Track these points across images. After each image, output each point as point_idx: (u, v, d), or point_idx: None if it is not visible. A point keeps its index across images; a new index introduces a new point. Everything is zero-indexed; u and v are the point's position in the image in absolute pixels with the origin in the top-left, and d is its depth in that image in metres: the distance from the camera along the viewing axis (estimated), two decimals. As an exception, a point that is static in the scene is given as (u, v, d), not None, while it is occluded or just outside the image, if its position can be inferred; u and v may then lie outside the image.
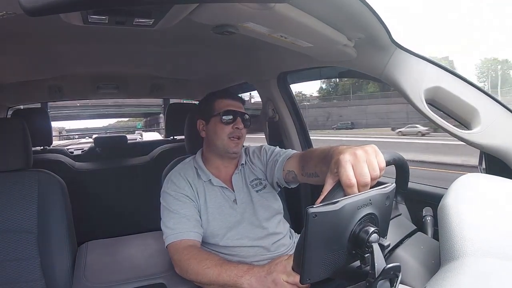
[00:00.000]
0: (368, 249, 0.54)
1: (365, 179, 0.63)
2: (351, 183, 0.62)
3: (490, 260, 0.54)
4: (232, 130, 1.20)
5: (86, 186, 2.27)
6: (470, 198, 0.67)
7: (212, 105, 1.24)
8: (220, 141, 1.21)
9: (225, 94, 1.27)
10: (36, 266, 1.22)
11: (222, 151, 1.22)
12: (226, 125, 1.20)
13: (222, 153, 1.23)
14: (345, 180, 0.63)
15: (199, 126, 1.28)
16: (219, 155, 1.24)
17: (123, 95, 2.79)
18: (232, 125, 1.20)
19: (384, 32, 0.92)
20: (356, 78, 27.40)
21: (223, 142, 1.20)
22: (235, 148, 1.21)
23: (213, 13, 0.84)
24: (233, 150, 1.21)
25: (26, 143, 1.29)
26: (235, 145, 1.21)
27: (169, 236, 1.10)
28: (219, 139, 1.21)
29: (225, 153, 1.23)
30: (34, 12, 0.42)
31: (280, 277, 0.83)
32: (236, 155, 1.25)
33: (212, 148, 1.25)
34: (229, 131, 1.20)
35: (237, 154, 1.25)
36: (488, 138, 0.92)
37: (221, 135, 1.20)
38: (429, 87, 0.96)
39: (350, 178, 0.63)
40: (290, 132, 1.87)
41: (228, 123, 1.20)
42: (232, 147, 1.20)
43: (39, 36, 1.25)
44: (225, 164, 1.27)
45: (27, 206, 1.25)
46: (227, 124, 1.20)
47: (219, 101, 1.23)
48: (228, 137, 1.20)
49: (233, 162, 1.28)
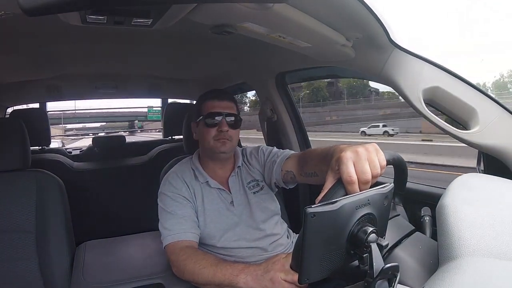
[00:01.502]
0: (367, 249, 0.54)
1: (366, 176, 0.63)
2: (352, 180, 0.63)
3: (488, 260, 0.55)
4: (217, 133, 1.17)
5: (84, 186, 2.27)
6: (469, 198, 0.68)
7: (200, 107, 1.22)
8: (206, 143, 1.19)
9: (212, 95, 1.24)
10: (34, 266, 1.22)
11: (211, 153, 1.21)
12: (210, 128, 1.18)
13: (212, 155, 1.22)
14: (346, 177, 0.63)
15: (192, 128, 1.28)
16: (210, 157, 1.24)
17: (122, 95, 2.78)
18: (216, 128, 1.17)
19: (382, 32, 0.92)
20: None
21: (209, 144, 1.19)
22: (221, 147, 1.18)
23: (211, 13, 0.84)
24: (220, 149, 1.18)
25: (24, 143, 1.29)
26: (221, 144, 1.18)
27: (167, 237, 1.10)
28: (205, 142, 1.19)
29: (213, 154, 1.21)
30: (33, 12, 0.42)
31: (278, 276, 0.83)
32: (226, 155, 1.23)
33: (203, 151, 1.25)
34: (214, 133, 1.17)
35: (227, 154, 1.22)
36: (487, 138, 0.93)
37: (206, 138, 1.18)
38: (428, 87, 0.96)
39: (351, 175, 0.63)
40: (288, 131, 1.87)
41: (212, 125, 1.18)
42: (218, 147, 1.18)
43: (37, 36, 1.24)
44: (219, 166, 1.26)
45: (25, 206, 1.25)
46: (212, 127, 1.18)
47: (206, 103, 1.22)
48: (214, 139, 1.18)
49: (229, 164, 1.27)
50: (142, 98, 4.77)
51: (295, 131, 1.88)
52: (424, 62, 0.97)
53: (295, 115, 1.88)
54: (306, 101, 33.56)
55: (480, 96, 0.95)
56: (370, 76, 1.13)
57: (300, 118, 1.91)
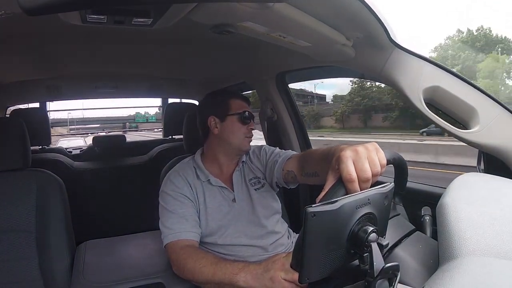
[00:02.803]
0: (367, 249, 0.54)
1: (366, 174, 0.63)
2: (352, 178, 0.63)
3: (488, 259, 0.55)
4: (247, 131, 1.25)
5: (84, 186, 2.27)
6: (469, 197, 0.68)
7: (227, 103, 1.25)
8: (236, 140, 1.23)
9: (238, 95, 1.30)
10: (34, 266, 1.22)
11: (235, 149, 1.25)
12: (243, 125, 1.24)
13: (234, 151, 1.26)
14: (346, 175, 0.63)
15: (211, 122, 1.24)
16: (228, 153, 1.26)
17: (122, 94, 2.78)
18: (247, 126, 1.25)
19: (383, 32, 0.92)
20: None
21: (239, 140, 1.23)
22: (248, 146, 1.27)
23: (211, 13, 0.84)
24: (247, 148, 1.27)
25: (24, 143, 1.29)
26: (248, 143, 1.26)
27: (167, 236, 1.10)
28: (236, 138, 1.23)
29: (237, 151, 1.26)
30: (33, 12, 0.42)
31: (278, 275, 0.82)
32: (245, 153, 1.30)
33: (224, 145, 1.25)
34: (245, 131, 1.24)
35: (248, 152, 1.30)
36: (487, 137, 0.93)
37: (238, 134, 1.23)
38: (428, 87, 0.96)
39: (351, 173, 0.63)
40: (288, 131, 1.87)
41: (246, 123, 1.24)
42: (246, 146, 1.26)
43: (37, 35, 1.24)
44: (228, 163, 1.28)
45: (25, 206, 1.25)
46: (245, 124, 1.24)
47: (234, 100, 1.26)
48: (244, 136, 1.24)
49: (236, 160, 1.29)
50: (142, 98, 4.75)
51: (295, 130, 1.88)
52: (424, 62, 0.97)
53: (296, 115, 1.88)
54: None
55: (481, 95, 0.95)
56: (370, 75, 1.13)
57: (301, 117, 1.91)
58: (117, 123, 31.29)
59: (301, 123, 1.90)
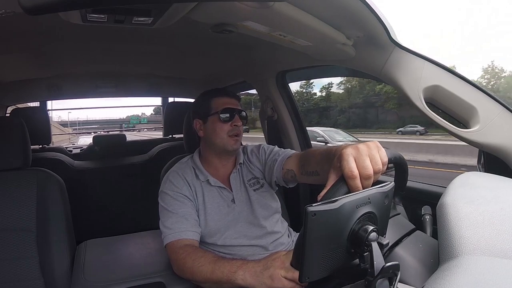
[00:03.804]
0: (367, 248, 0.54)
1: (367, 171, 0.64)
2: (354, 175, 0.63)
3: (489, 258, 0.55)
4: (231, 128, 1.20)
5: (85, 185, 2.27)
6: (469, 196, 0.68)
7: (208, 104, 1.23)
8: (219, 140, 1.20)
9: (220, 92, 1.26)
10: (34, 265, 1.22)
11: (221, 149, 1.22)
12: (224, 123, 1.20)
13: (221, 151, 1.23)
14: (348, 172, 0.63)
15: (196, 125, 1.26)
16: (217, 154, 1.24)
17: (122, 93, 2.78)
18: (230, 123, 1.20)
19: (383, 31, 0.92)
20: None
21: (222, 140, 1.20)
22: (234, 145, 1.21)
23: (212, 12, 0.84)
24: (233, 147, 1.21)
25: (24, 142, 1.29)
26: (234, 142, 1.21)
27: (167, 236, 1.10)
28: (218, 138, 1.20)
29: (224, 151, 1.22)
30: (33, 11, 0.42)
31: (278, 273, 0.82)
32: (235, 152, 1.26)
33: (211, 147, 1.24)
34: (228, 129, 1.19)
35: (236, 152, 1.25)
36: (487, 136, 0.93)
37: (220, 134, 1.20)
38: (428, 86, 0.96)
39: (352, 170, 0.63)
40: (289, 130, 1.87)
41: (227, 121, 1.20)
42: (231, 145, 1.20)
43: (38, 34, 1.24)
44: (223, 163, 1.26)
45: (26, 205, 1.25)
46: (226, 122, 1.20)
47: (216, 99, 1.23)
48: (228, 135, 1.20)
49: (231, 161, 1.28)
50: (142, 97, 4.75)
51: (295, 129, 1.88)
52: (425, 61, 0.97)
53: (296, 114, 1.88)
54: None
55: (481, 94, 0.95)
56: (371, 75, 1.13)
57: (301, 116, 1.91)
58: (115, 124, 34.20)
59: (302, 123, 1.90)
